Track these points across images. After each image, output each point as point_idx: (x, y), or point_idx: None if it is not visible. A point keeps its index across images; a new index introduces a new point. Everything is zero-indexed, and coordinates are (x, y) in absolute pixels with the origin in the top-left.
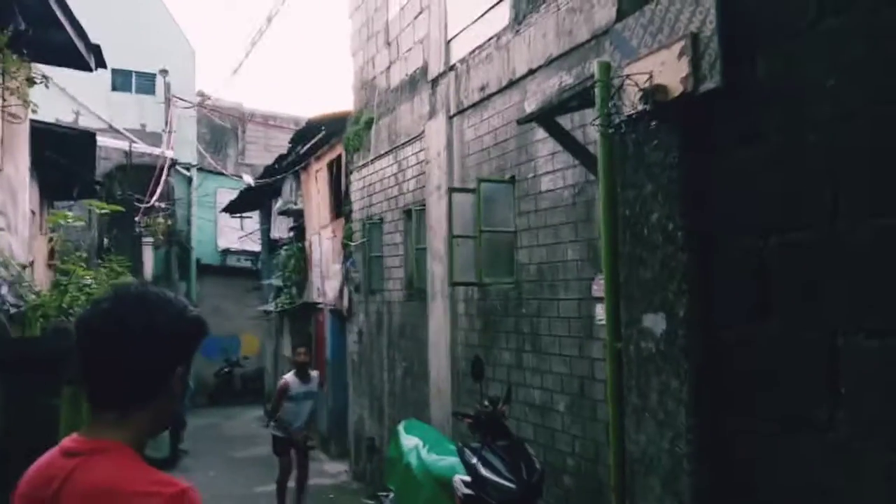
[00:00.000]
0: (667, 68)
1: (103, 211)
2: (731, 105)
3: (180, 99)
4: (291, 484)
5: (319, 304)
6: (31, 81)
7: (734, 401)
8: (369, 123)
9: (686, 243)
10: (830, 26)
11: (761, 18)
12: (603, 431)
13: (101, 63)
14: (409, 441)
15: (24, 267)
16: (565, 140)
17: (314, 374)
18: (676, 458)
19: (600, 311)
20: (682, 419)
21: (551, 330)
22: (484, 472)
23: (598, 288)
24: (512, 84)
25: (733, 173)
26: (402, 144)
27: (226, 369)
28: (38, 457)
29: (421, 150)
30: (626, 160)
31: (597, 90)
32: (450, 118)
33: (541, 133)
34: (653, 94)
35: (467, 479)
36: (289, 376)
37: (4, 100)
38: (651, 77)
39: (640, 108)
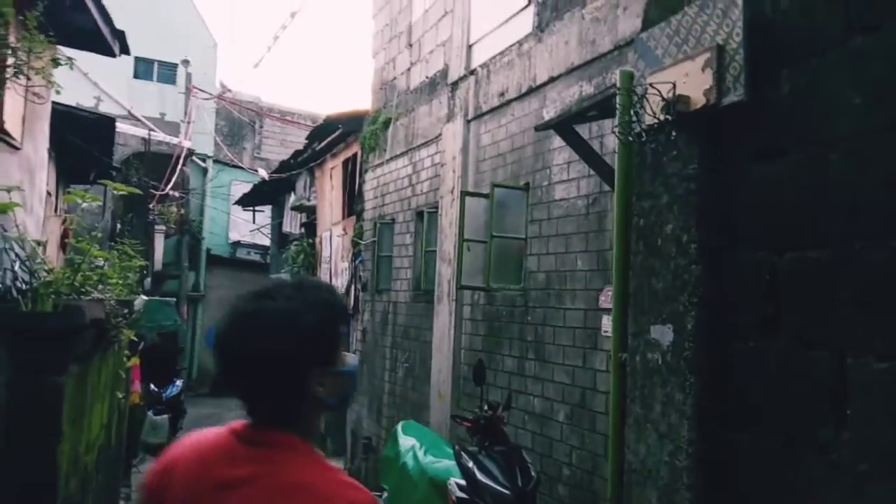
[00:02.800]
0: (690, 79)
1: (121, 192)
2: (753, 119)
3: (200, 90)
4: None
5: None
6: (55, 62)
7: (738, 415)
8: (387, 124)
9: (699, 256)
10: (858, 45)
11: (788, 34)
12: (601, 443)
13: (124, 49)
14: (406, 441)
15: (38, 244)
16: (582, 149)
17: None
18: (676, 471)
19: (606, 323)
20: (685, 432)
21: (556, 339)
22: (479, 476)
23: (606, 299)
24: (531, 91)
25: (751, 188)
26: (418, 146)
27: None
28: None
29: (437, 153)
30: (643, 170)
31: (618, 98)
32: (467, 122)
33: (557, 141)
34: (675, 104)
35: (462, 482)
36: None
37: (29, 78)
38: (674, 87)
39: (661, 118)
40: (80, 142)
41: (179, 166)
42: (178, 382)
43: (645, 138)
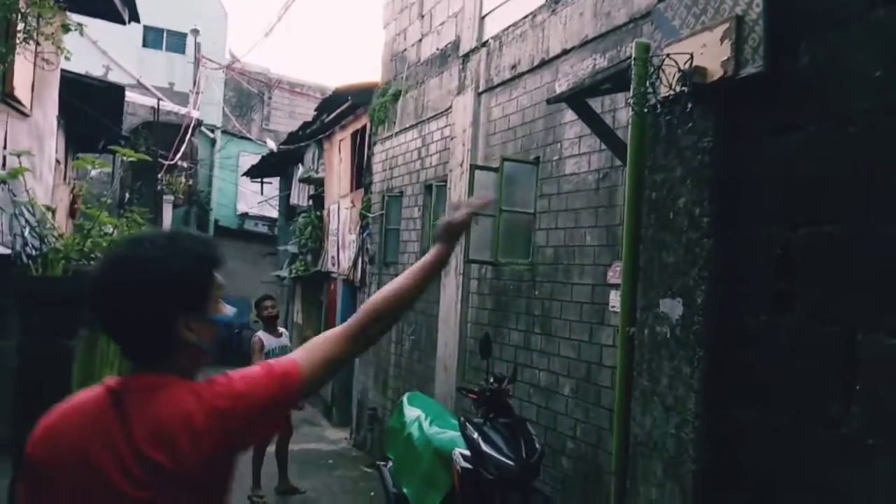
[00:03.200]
0: (708, 51)
1: (130, 158)
2: (770, 92)
3: (209, 60)
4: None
5: (333, 272)
6: (65, 28)
7: (746, 390)
8: (396, 96)
9: (712, 229)
10: (880, 17)
11: (808, 5)
12: (606, 417)
13: (134, 17)
14: (411, 412)
15: (48, 210)
16: (594, 123)
17: (283, 330)
18: (682, 444)
19: (614, 298)
20: (691, 405)
21: (562, 314)
22: (484, 447)
23: (614, 275)
24: (544, 64)
25: (766, 162)
26: (428, 119)
27: (236, 330)
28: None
29: (446, 126)
30: (657, 142)
31: (633, 69)
32: (478, 95)
33: (569, 115)
34: (691, 75)
35: (467, 453)
36: (260, 333)
37: (38, 44)
38: (691, 59)
39: (676, 89)
40: (90, 110)
41: (188, 136)
42: None
43: (660, 110)
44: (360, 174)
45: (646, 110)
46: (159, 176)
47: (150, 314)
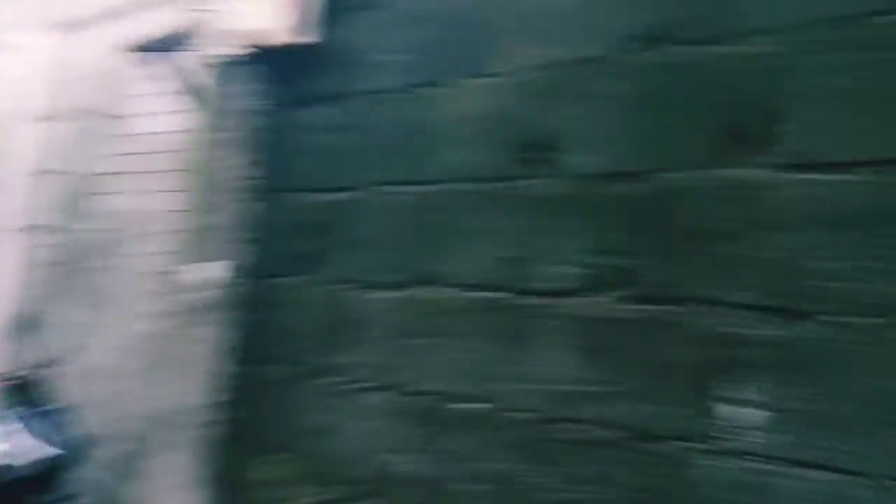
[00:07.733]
0: (271, 14)
1: None
2: (322, 62)
3: None
4: None
5: None
6: None
7: (274, 348)
8: None
9: (258, 194)
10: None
11: None
12: (166, 392)
13: None
14: None
15: None
16: (166, 82)
17: None
18: (211, 404)
19: (175, 265)
20: (223, 366)
21: (126, 285)
22: None
23: (178, 240)
24: (116, 13)
25: (311, 130)
26: None
27: None
28: None
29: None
30: (216, 105)
31: (200, 29)
32: (47, 36)
33: (141, 72)
34: (252, 38)
35: None
36: None
37: None
38: (253, 21)
39: (237, 52)
40: None
41: None
42: None
43: (221, 72)
44: None
45: (207, 72)
46: None
47: None
